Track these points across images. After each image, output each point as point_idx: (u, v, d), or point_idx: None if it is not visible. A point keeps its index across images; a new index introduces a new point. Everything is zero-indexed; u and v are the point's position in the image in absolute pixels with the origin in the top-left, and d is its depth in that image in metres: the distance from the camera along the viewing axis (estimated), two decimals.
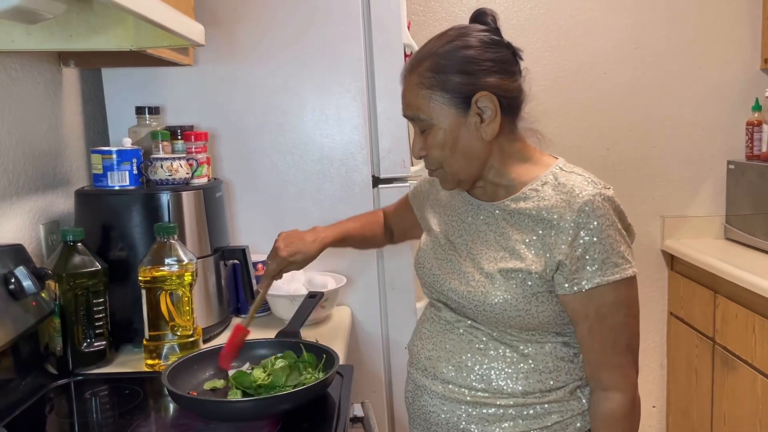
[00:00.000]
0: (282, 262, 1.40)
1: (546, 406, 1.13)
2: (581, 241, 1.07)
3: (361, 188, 1.88)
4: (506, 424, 1.13)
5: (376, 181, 1.91)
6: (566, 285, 1.09)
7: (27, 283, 1.22)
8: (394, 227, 1.55)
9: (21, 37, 1.24)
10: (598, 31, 2.78)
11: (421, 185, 1.41)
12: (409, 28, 2.06)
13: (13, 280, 1.21)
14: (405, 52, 1.92)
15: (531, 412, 1.13)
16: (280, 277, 1.45)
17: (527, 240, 1.11)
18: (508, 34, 1.16)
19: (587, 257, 1.07)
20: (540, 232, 1.10)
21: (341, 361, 1.33)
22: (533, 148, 1.20)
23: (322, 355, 1.31)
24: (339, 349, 1.46)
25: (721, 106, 2.84)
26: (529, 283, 1.10)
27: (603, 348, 1.11)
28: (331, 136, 1.86)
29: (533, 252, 1.10)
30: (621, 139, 2.85)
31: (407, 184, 1.92)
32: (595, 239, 1.06)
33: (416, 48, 1.96)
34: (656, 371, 2.97)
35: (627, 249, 1.10)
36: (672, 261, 2.87)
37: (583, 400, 1.16)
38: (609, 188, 1.11)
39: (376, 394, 1.93)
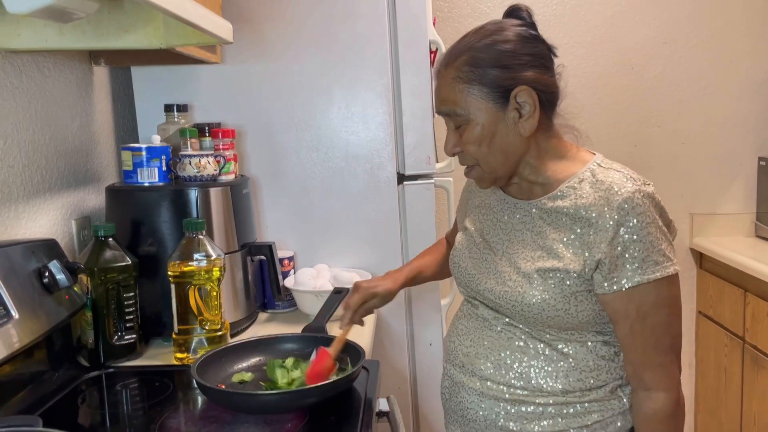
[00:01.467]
0: (364, 292, 1.38)
1: (586, 405, 1.12)
2: (621, 240, 1.05)
3: (386, 185, 1.88)
4: (545, 422, 1.12)
5: (401, 178, 1.91)
6: (605, 284, 1.07)
7: (60, 277, 1.24)
8: None
9: (54, 36, 1.27)
10: (625, 26, 2.75)
11: (461, 196, 1.40)
12: (434, 24, 2.06)
13: (47, 274, 1.24)
14: (430, 49, 1.92)
15: (571, 410, 1.12)
16: (362, 323, 1.41)
17: (565, 239, 1.09)
18: None
19: (627, 255, 1.05)
20: (578, 230, 1.08)
21: (367, 357, 1.33)
22: (570, 144, 1.18)
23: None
24: (364, 344, 1.46)
25: (752, 101, 2.79)
26: (568, 282, 1.08)
27: (645, 348, 1.09)
28: (356, 133, 1.87)
29: (571, 251, 1.08)
30: (649, 136, 2.81)
31: (432, 181, 1.92)
32: (635, 237, 1.04)
33: (442, 44, 1.98)
34: (684, 371, 2.89)
35: (668, 246, 1.08)
36: (701, 259, 2.83)
37: (624, 400, 1.14)
38: (649, 184, 1.09)
39: (400, 390, 1.93)
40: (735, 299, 2.49)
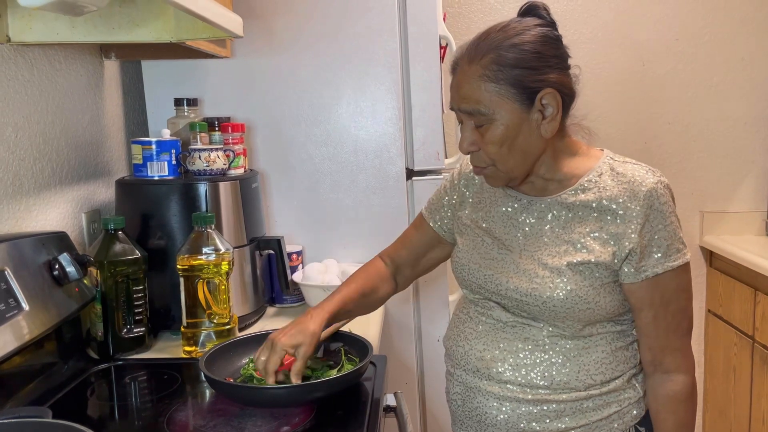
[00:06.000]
0: (281, 352, 1.17)
1: (605, 397, 1.15)
2: (649, 229, 1.09)
3: (395, 180, 1.88)
4: (567, 419, 1.14)
5: (410, 173, 1.91)
6: (634, 274, 1.10)
7: (70, 269, 1.25)
8: (405, 261, 1.41)
9: (65, 29, 1.27)
10: (637, 22, 2.73)
11: (441, 199, 1.35)
12: (444, 19, 2.05)
13: (57, 266, 1.24)
14: (440, 44, 1.91)
15: (591, 404, 1.14)
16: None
17: (591, 231, 1.11)
18: None
19: (653, 245, 1.10)
20: (604, 222, 1.11)
21: (374, 352, 1.33)
22: (580, 142, 1.20)
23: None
24: (372, 339, 1.46)
25: (764, 98, 2.77)
26: (597, 274, 1.11)
27: (666, 333, 1.13)
28: (365, 128, 1.87)
29: (599, 243, 1.11)
30: (660, 133, 2.79)
31: (441, 177, 1.92)
32: (660, 226, 1.09)
33: (452, 39, 1.97)
34: None
35: (683, 234, 1.13)
36: (711, 257, 2.82)
37: (638, 388, 1.18)
38: (664, 176, 1.14)
39: (408, 385, 1.94)
40: (745, 298, 2.48)
